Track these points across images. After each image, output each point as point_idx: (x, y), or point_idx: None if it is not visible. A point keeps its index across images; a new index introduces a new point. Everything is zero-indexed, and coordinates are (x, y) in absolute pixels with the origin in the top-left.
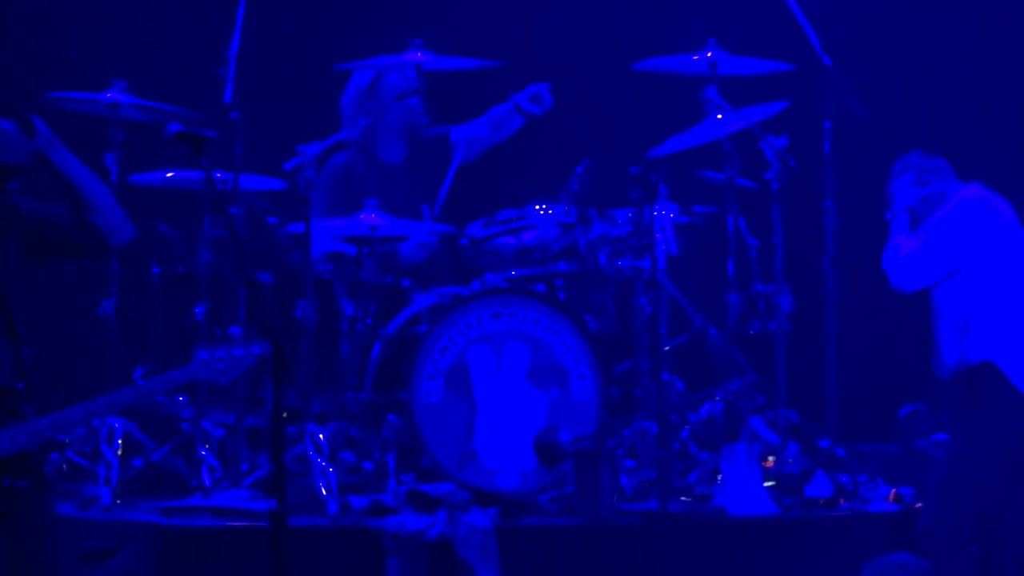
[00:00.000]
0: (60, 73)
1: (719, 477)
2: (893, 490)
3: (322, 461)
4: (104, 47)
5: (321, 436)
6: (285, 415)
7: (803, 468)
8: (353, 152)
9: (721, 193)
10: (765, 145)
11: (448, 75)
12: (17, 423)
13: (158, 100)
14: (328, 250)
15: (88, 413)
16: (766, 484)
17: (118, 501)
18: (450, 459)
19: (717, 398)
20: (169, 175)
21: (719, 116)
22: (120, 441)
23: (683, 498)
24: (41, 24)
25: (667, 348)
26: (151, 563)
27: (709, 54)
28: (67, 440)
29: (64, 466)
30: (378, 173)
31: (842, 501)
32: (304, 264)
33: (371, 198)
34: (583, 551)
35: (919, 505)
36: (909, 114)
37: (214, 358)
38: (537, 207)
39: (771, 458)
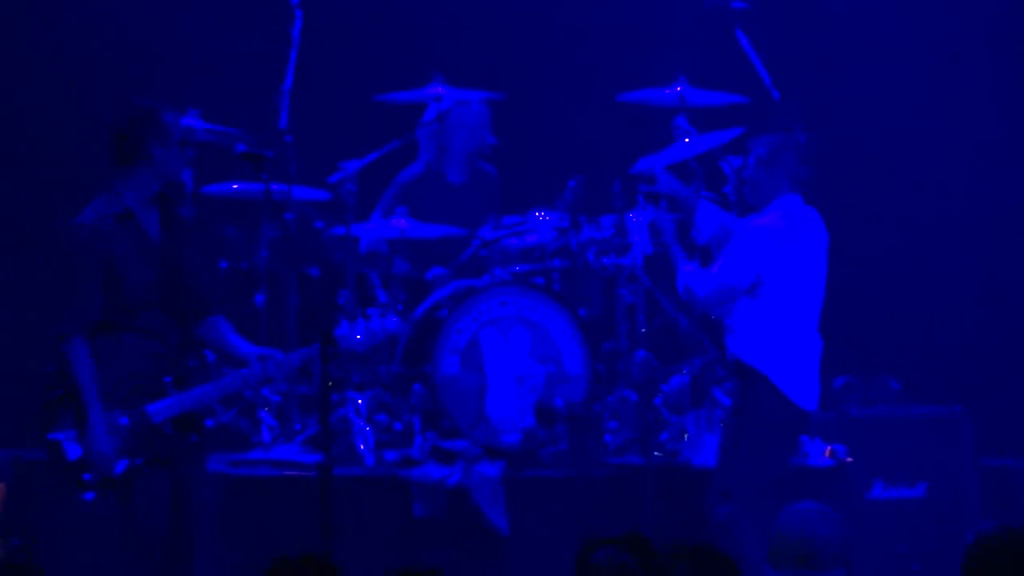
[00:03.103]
0: (137, 111)
1: (686, 436)
2: (829, 447)
3: (360, 422)
4: (182, 80)
5: (360, 402)
6: (330, 384)
7: None
8: (425, 170)
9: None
10: (724, 164)
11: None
12: (193, 390)
13: (225, 125)
14: (372, 249)
15: (246, 381)
16: None
17: None
18: (465, 421)
19: (684, 372)
20: (234, 187)
21: (687, 140)
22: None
23: (656, 453)
24: (132, 64)
25: (644, 331)
26: (224, 505)
27: (679, 88)
28: None
29: None
30: (442, 190)
31: None
32: (344, 260)
33: (433, 210)
34: (575, 496)
35: (849, 460)
36: (844, 138)
37: (354, 330)
38: (537, 214)
39: None
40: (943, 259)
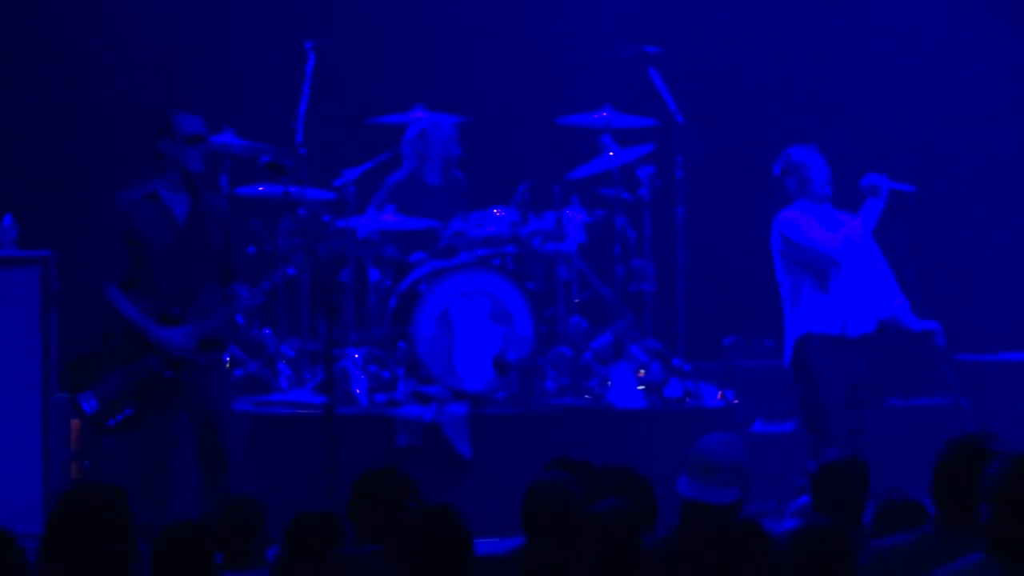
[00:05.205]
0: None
1: (609, 383)
2: (720, 392)
3: (357, 372)
4: (223, 105)
5: (356, 356)
6: (334, 342)
7: (663, 377)
8: (408, 174)
9: (611, 202)
10: (640, 171)
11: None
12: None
13: (254, 140)
14: (364, 237)
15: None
16: (639, 388)
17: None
18: (439, 371)
19: (608, 332)
20: (260, 189)
21: (611, 154)
22: (228, 358)
23: (586, 396)
24: (188, 90)
25: (577, 301)
26: (249, 437)
27: (605, 113)
28: None
29: None
30: (422, 190)
31: (687, 399)
32: (345, 247)
33: (416, 206)
34: (523, 429)
35: (735, 402)
36: (731, 155)
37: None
38: (495, 210)
39: (642, 371)
40: None
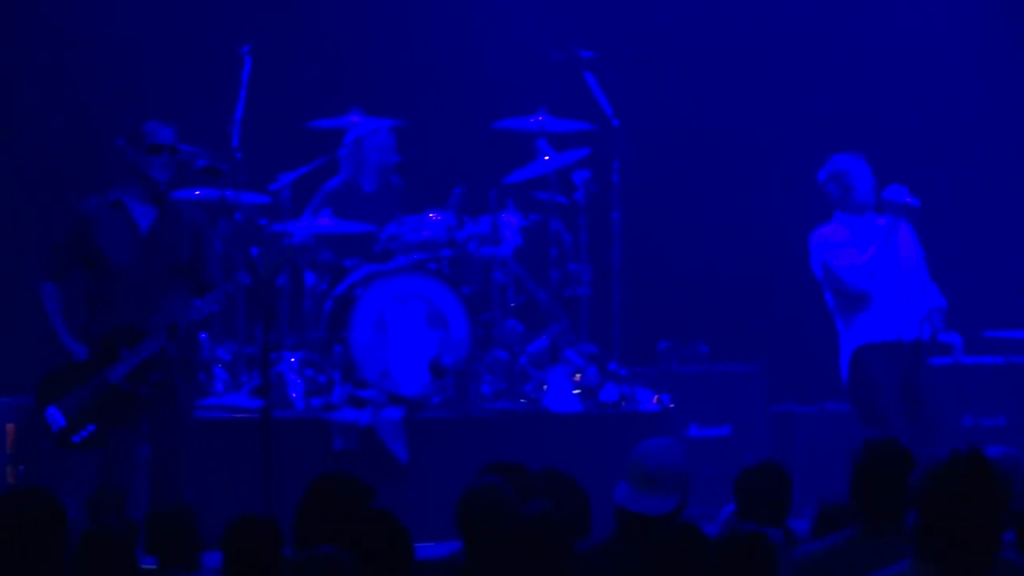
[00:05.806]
0: (131, 125)
1: (545, 387)
2: (656, 396)
3: (293, 376)
4: (161, 111)
5: (292, 360)
6: (270, 346)
7: (598, 381)
8: (344, 181)
9: (547, 206)
10: (576, 176)
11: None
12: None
13: (190, 144)
14: (300, 241)
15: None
16: (575, 392)
17: None
18: (374, 375)
19: (544, 337)
20: (197, 192)
21: (547, 158)
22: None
23: (522, 400)
24: (142, 97)
25: (512, 305)
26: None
27: (540, 117)
28: None
29: None
30: (358, 197)
31: (623, 403)
32: (281, 251)
33: (351, 213)
34: (459, 433)
35: (671, 406)
36: (667, 159)
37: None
38: (430, 215)
39: (578, 375)
40: (745, 251)
